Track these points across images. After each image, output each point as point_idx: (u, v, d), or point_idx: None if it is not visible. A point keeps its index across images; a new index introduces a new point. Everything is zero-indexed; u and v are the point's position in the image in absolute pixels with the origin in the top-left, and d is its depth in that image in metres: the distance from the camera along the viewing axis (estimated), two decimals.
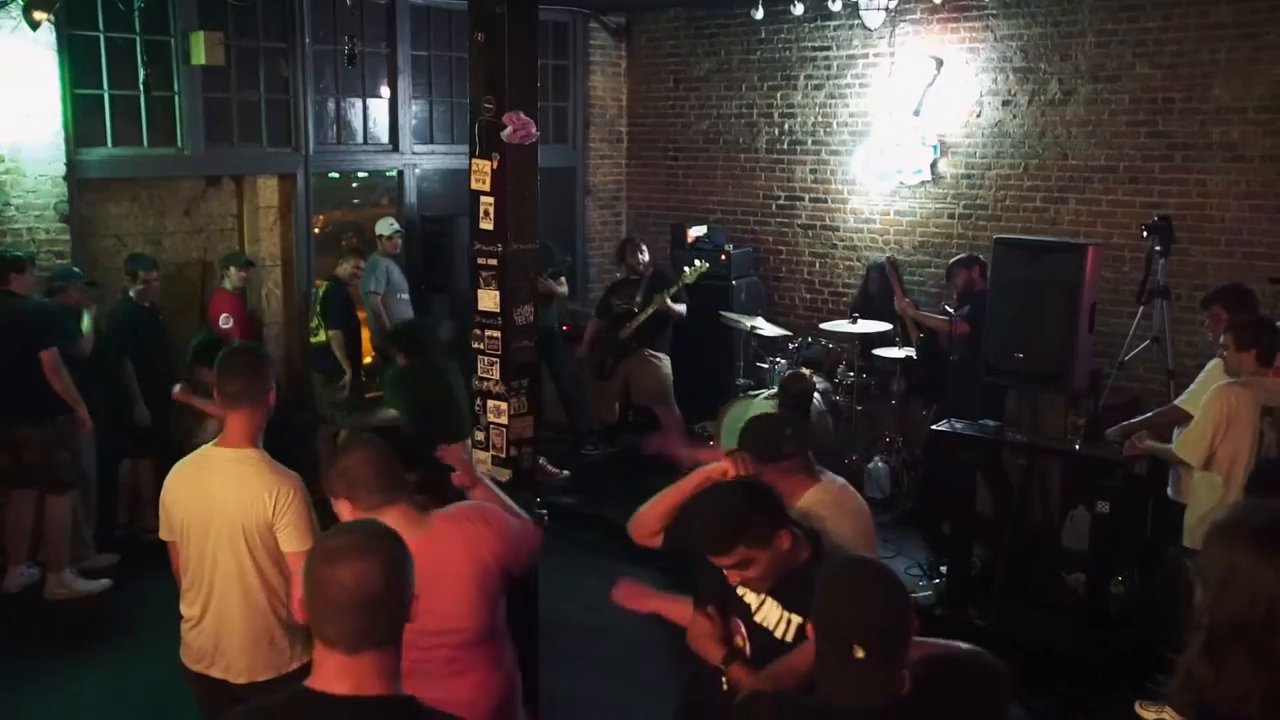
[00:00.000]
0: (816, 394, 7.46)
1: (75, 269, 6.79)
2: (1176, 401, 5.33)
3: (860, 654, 2.10)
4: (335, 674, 1.97)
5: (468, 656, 3.13)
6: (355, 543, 2.01)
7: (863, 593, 2.20)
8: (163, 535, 3.55)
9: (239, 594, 3.39)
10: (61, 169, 6.88)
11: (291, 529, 3.34)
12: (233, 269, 7.66)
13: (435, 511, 3.15)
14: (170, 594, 3.63)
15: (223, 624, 3.43)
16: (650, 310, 8.05)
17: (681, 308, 8.09)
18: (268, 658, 3.44)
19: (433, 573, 2.67)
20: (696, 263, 8.17)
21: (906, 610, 2.18)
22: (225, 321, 7.43)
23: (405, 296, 8.28)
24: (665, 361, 8.22)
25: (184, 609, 3.52)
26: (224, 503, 3.37)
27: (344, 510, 2.99)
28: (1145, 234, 6.52)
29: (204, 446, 3.51)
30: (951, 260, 7.47)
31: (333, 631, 1.96)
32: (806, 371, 7.16)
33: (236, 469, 3.39)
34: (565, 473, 8.12)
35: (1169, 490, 5.28)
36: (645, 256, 8.39)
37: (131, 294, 6.95)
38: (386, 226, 8.35)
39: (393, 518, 2.79)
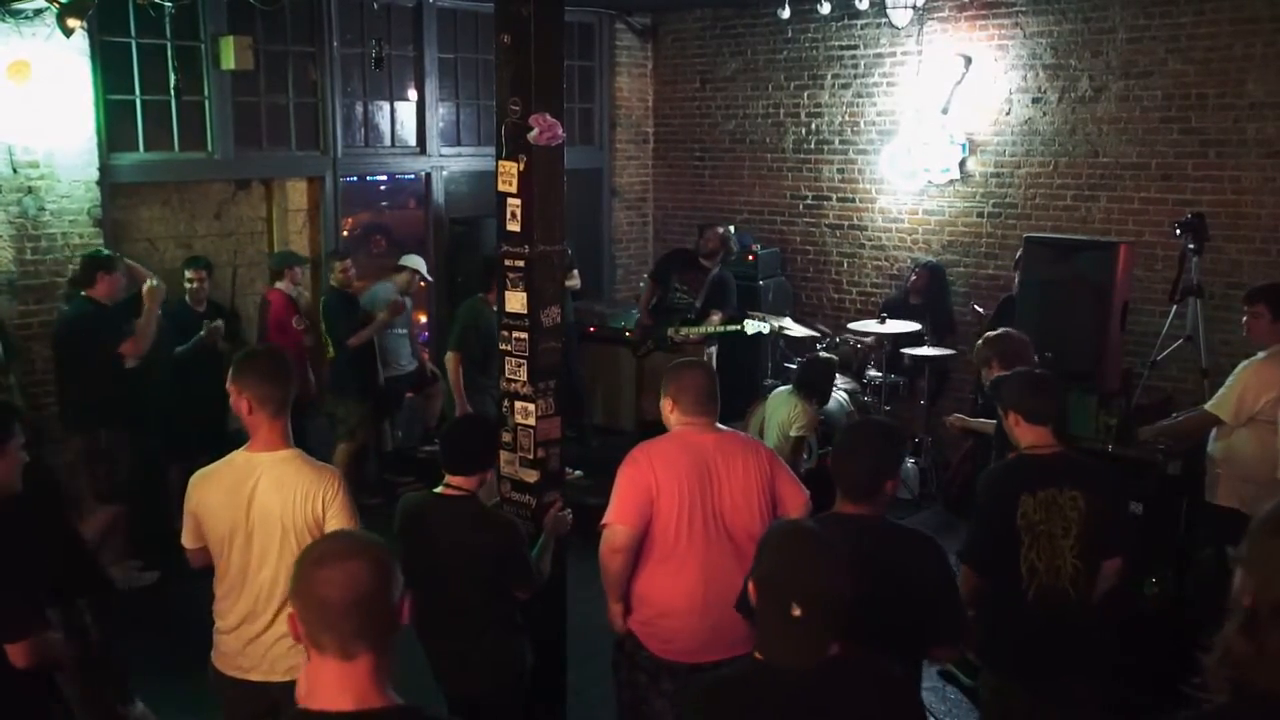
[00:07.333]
0: (844, 394, 7.43)
1: None
2: (1205, 406, 5.26)
3: (797, 613, 2.23)
4: (334, 687, 1.94)
5: None
6: (342, 546, 2.03)
7: (807, 556, 2.34)
8: (187, 542, 3.52)
9: (285, 593, 3.35)
10: (94, 174, 6.93)
11: (339, 520, 3.36)
12: (296, 269, 7.62)
13: None
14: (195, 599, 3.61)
15: (268, 625, 3.40)
16: (699, 330, 8.04)
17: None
18: None
19: None
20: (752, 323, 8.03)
21: (845, 579, 2.30)
22: (299, 323, 7.42)
23: (401, 331, 7.96)
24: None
25: (219, 616, 3.49)
26: (268, 506, 3.34)
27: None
28: (1178, 232, 6.41)
29: (234, 453, 3.45)
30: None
31: (328, 637, 1.94)
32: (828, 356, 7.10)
33: (278, 471, 3.36)
34: (579, 472, 8.06)
35: (1205, 494, 5.21)
36: (715, 246, 8.25)
37: (186, 298, 7.05)
38: (413, 261, 7.98)
39: None
